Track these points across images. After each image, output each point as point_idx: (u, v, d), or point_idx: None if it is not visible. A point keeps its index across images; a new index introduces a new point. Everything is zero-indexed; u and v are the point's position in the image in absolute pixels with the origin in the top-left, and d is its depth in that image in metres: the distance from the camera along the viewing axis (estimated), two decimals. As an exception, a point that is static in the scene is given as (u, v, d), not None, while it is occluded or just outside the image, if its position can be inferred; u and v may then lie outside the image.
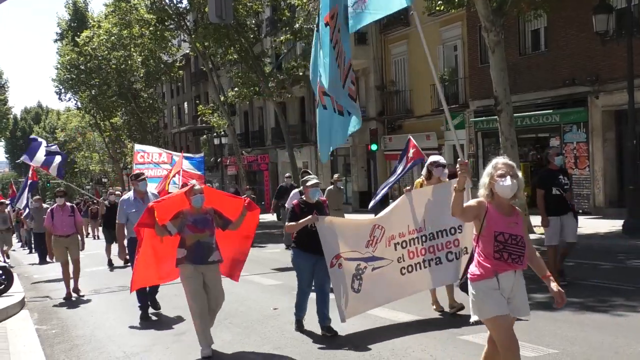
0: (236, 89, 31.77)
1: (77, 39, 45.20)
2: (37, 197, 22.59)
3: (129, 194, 9.87)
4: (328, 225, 7.66)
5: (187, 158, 16.12)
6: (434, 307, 8.61)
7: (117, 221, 9.85)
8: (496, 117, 17.48)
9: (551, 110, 21.58)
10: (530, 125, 22.31)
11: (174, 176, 15.36)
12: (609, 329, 7.20)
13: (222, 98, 32.59)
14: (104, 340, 8.37)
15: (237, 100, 33.10)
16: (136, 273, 7.69)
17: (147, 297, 9.57)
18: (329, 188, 15.89)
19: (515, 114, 17.68)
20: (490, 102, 19.69)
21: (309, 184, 7.86)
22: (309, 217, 7.56)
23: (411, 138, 12.74)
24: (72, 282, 12.15)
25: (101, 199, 19.18)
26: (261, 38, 33.14)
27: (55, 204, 12.33)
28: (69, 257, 12.10)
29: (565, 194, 10.04)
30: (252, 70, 28.86)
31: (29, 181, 21.06)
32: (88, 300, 11.73)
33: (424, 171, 8.68)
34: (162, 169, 15.50)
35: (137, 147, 16.68)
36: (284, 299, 10.11)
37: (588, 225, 17.28)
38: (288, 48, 30.93)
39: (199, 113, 37.01)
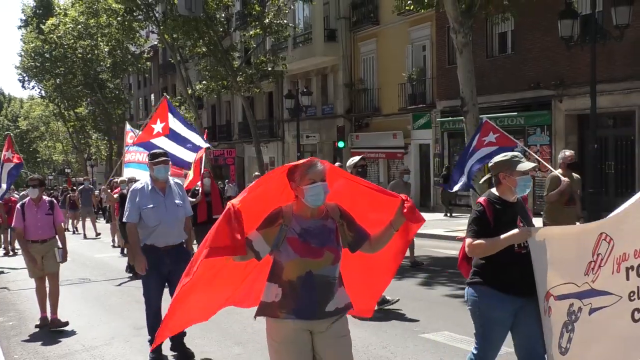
0: (204, 82, 31.56)
1: (43, 27, 44.42)
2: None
3: (144, 182, 6.93)
4: (545, 241, 4.29)
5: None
6: None
7: (125, 219, 6.87)
8: (462, 117, 17.65)
9: (516, 113, 21.88)
10: (495, 127, 22.59)
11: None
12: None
13: (189, 91, 32.34)
14: (62, 333, 8.26)
15: (205, 93, 32.88)
16: (174, 312, 4.07)
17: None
18: (392, 182, 12.84)
19: (481, 115, 17.85)
20: (456, 102, 19.87)
21: (524, 167, 4.48)
22: (519, 230, 4.27)
23: (487, 120, 10.61)
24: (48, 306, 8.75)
25: (119, 183, 14.68)
26: (230, 32, 32.95)
27: (28, 198, 8.73)
28: (44, 271, 8.66)
29: None
30: (221, 64, 28.69)
31: (5, 164, 15.06)
32: (69, 330, 8.64)
33: None
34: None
35: (129, 126, 14.73)
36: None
37: (549, 226, 17.54)
38: (257, 43, 30.81)
39: (165, 105, 36.66)
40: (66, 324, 8.53)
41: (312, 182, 3.74)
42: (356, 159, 8.92)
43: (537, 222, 5.83)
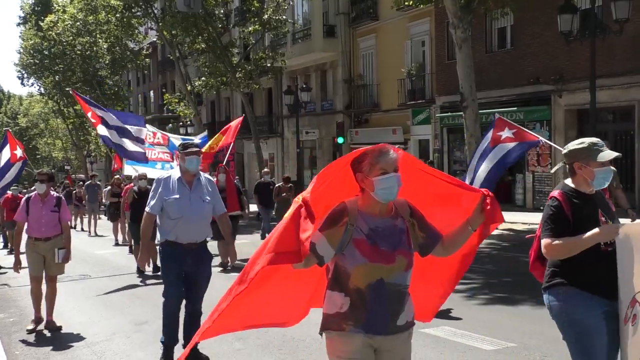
0: (203, 78, 31.57)
1: (41, 24, 44.38)
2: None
3: (172, 172, 6.47)
4: (633, 238, 3.68)
5: (185, 140, 14.61)
6: None
7: (146, 210, 6.29)
8: (462, 113, 17.68)
9: (515, 108, 21.88)
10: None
11: (220, 148, 13.88)
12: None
13: (188, 87, 32.33)
14: (63, 329, 8.26)
15: (204, 90, 32.90)
16: (228, 312, 3.35)
17: (177, 328, 6.47)
18: None
19: (480, 111, 17.90)
20: (456, 98, 19.89)
21: (604, 157, 3.81)
22: (605, 227, 3.71)
23: (501, 117, 10.02)
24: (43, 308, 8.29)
25: (130, 184, 14.49)
26: (229, 28, 32.96)
27: (34, 192, 8.31)
28: (44, 272, 8.19)
29: None
30: (220, 60, 28.69)
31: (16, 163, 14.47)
32: (70, 326, 8.51)
33: None
34: (156, 152, 13.39)
35: None
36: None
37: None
38: (256, 39, 30.78)
39: (165, 102, 36.68)
40: (60, 328, 8.12)
41: (383, 172, 3.18)
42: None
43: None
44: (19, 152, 14.34)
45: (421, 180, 3.54)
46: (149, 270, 11.46)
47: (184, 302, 6.47)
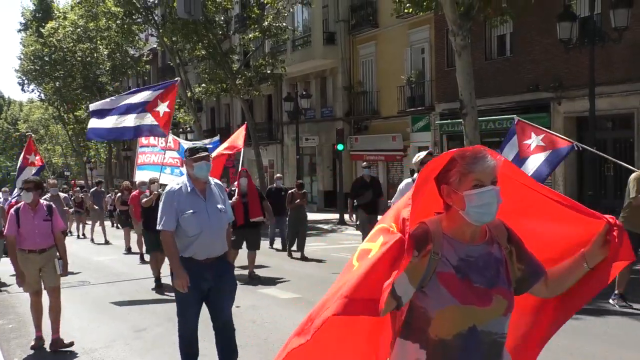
0: (203, 85, 31.62)
1: (42, 30, 44.51)
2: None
3: (181, 182, 5.80)
4: None
5: (194, 144, 14.25)
6: None
7: (161, 227, 5.67)
8: (461, 120, 17.69)
9: (514, 115, 21.89)
10: (494, 129, 22.61)
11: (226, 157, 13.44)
12: (564, 332, 7.31)
13: (189, 94, 32.36)
14: (62, 335, 8.25)
15: (204, 96, 32.94)
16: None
17: (197, 352, 6.02)
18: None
19: (480, 118, 17.88)
20: (455, 105, 19.89)
21: None
22: None
23: (520, 119, 8.58)
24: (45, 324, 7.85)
25: (137, 191, 14.36)
26: (230, 35, 33.01)
27: (22, 202, 7.84)
28: (42, 285, 7.74)
29: None
30: (220, 67, 28.74)
31: (27, 167, 14.85)
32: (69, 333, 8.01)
33: None
34: (166, 156, 13.11)
35: None
36: (247, 297, 10.10)
37: (548, 229, 17.65)
38: (256, 45, 30.85)
39: (165, 108, 36.66)
40: (71, 344, 7.64)
41: (478, 184, 2.39)
42: (422, 154, 7.75)
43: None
44: (30, 157, 14.69)
45: (523, 198, 2.68)
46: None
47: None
